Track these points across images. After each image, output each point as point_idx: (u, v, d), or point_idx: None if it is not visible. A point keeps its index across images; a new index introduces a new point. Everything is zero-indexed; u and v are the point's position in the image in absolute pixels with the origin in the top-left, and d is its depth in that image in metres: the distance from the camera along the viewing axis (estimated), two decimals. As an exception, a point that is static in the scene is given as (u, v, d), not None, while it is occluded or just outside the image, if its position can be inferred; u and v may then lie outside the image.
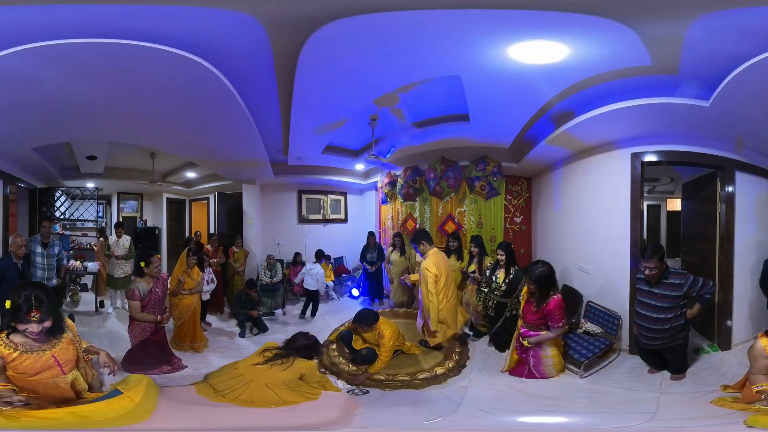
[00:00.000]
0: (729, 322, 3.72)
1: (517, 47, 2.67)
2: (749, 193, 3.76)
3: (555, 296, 3.27)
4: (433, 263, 3.64)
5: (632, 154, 3.79)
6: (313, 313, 5.05)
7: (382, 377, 3.33)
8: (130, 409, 2.47)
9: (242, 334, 4.49)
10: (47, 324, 2.24)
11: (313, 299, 5.05)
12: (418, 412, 2.90)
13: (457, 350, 3.80)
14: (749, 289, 3.76)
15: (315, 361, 3.32)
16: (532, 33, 2.53)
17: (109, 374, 2.66)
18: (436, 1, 2.23)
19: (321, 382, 3.23)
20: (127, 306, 3.66)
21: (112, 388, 2.64)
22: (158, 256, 3.60)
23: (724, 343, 3.71)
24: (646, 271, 3.14)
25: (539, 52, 2.71)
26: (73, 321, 2.76)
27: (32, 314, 2.16)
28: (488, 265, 4.27)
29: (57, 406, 2.33)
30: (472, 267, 4.41)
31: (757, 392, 2.56)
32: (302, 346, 3.27)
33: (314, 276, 5.01)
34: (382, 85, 3.28)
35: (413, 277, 4.18)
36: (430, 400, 3.08)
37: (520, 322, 3.52)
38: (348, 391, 3.21)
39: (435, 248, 3.86)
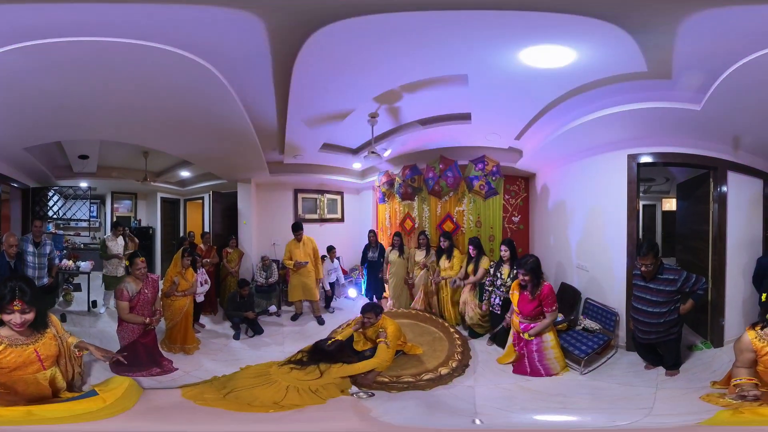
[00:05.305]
0: (722, 320, 3.78)
1: (527, 51, 2.70)
2: (741, 193, 3.83)
3: (546, 283, 3.50)
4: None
5: (628, 155, 3.85)
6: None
7: (387, 379, 3.30)
8: (95, 411, 2.34)
9: (236, 336, 4.42)
10: (29, 316, 2.24)
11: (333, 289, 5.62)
12: (432, 414, 2.89)
13: (459, 350, 3.81)
14: (741, 286, 3.82)
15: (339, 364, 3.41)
16: (542, 37, 2.55)
17: (106, 362, 2.71)
18: (446, 2, 2.22)
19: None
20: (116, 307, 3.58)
21: (91, 388, 2.59)
22: (143, 258, 3.53)
23: (717, 340, 3.78)
24: (642, 268, 3.21)
25: (548, 56, 2.75)
26: (65, 321, 2.70)
27: (14, 303, 2.18)
28: (490, 265, 4.29)
29: (29, 403, 2.27)
30: (470, 268, 4.42)
31: (734, 385, 2.50)
32: (328, 354, 3.44)
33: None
34: (385, 83, 3.27)
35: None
36: (441, 401, 3.07)
37: (516, 319, 3.55)
38: (353, 395, 3.14)
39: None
